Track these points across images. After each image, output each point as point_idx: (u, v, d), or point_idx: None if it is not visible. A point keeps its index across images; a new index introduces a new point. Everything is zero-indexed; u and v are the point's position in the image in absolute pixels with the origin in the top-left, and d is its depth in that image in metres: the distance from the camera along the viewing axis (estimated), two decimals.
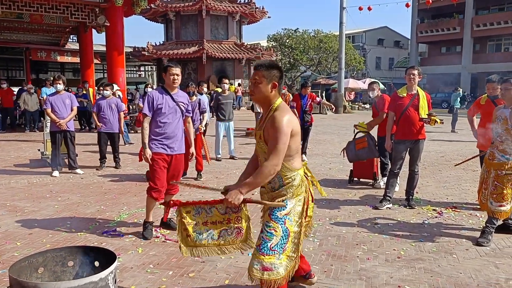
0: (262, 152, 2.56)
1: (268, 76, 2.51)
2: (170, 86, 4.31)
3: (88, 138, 12.32)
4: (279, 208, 2.50)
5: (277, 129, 2.40)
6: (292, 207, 2.52)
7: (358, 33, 49.46)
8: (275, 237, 2.49)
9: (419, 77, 5.24)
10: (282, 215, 2.50)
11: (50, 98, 7.27)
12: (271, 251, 2.48)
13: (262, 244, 2.50)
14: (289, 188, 2.53)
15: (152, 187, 4.25)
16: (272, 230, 2.50)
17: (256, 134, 2.61)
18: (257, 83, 2.53)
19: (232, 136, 9.07)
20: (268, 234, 2.50)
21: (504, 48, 36.74)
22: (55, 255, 2.55)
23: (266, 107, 2.57)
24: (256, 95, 2.56)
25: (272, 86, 2.52)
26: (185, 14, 25.17)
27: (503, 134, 4.11)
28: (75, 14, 14.03)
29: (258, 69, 2.54)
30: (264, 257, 2.47)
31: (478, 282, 3.29)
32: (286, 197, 2.52)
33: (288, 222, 2.51)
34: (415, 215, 5.08)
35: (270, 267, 2.47)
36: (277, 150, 2.39)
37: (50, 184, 6.68)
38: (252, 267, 2.50)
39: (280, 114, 2.45)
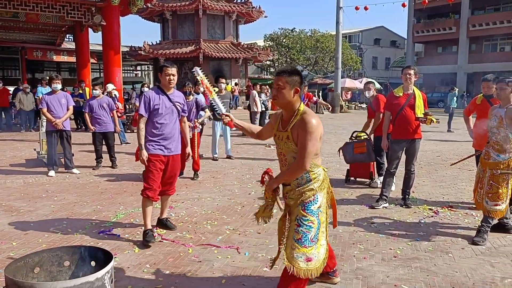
0: (289, 151, 2.76)
1: (291, 82, 2.69)
2: (166, 86, 4.24)
3: (85, 138, 12.29)
4: (311, 202, 2.71)
5: (309, 133, 2.61)
6: (321, 200, 2.75)
7: (354, 32, 49.53)
8: (313, 229, 2.70)
9: (415, 77, 5.25)
10: (316, 208, 2.72)
11: (45, 97, 7.25)
12: (312, 242, 2.69)
13: (303, 238, 2.68)
14: (315, 183, 2.74)
15: (146, 187, 4.16)
16: (310, 223, 2.69)
17: (279, 136, 2.81)
18: (281, 88, 2.69)
19: (229, 136, 9.07)
20: (307, 227, 2.69)
21: (500, 48, 36.89)
22: (51, 255, 2.54)
23: (289, 110, 2.76)
24: (279, 100, 2.73)
25: (294, 91, 2.70)
26: (181, 14, 25.12)
27: (498, 134, 4.13)
28: (71, 13, 13.98)
29: (281, 75, 2.70)
30: (306, 249, 2.67)
31: (473, 281, 3.31)
32: (316, 192, 2.72)
33: (320, 214, 2.74)
34: (411, 214, 5.10)
35: (312, 257, 2.68)
36: (307, 152, 2.62)
37: (46, 184, 6.66)
38: (295, 260, 2.67)
39: (311, 117, 2.65)
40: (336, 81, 25.76)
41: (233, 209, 5.30)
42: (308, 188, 2.73)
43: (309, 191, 2.72)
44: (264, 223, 3.12)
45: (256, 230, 4.49)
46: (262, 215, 3.04)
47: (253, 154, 9.84)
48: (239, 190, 6.27)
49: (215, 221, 4.80)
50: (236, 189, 6.36)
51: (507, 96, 4.12)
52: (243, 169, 7.87)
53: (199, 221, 4.79)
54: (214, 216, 5.01)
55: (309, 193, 2.72)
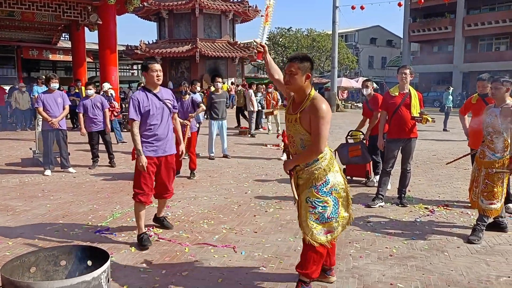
0: (297, 133, 2.90)
1: (303, 68, 2.81)
2: (153, 84, 4.05)
3: (81, 137, 12.16)
4: (323, 184, 2.87)
5: (321, 118, 2.74)
6: (333, 179, 2.90)
7: (351, 32, 49.60)
8: (329, 208, 2.89)
9: (410, 76, 5.27)
10: (328, 189, 2.88)
11: (41, 96, 7.22)
12: (329, 219, 2.90)
13: (320, 217, 2.89)
14: (323, 161, 2.88)
15: (138, 192, 4.03)
16: (325, 204, 2.88)
17: (289, 118, 2.94)
18: (293, 74, 2.81)
19: (225, 135, 9.07)
20: (323, 207, 2.88)
21: (495, 47, 37.04)
22: (47, 255, 2.54)
23: (301, 95, 2.88)
24: (292, 85, 2.85)
25: (306, 77, 2.83)
26: (178, 13, 25.10)
27: (493, 133, 4.15)
28: (67, 12, 13.92)
29: (293, 61, 2.82)
30: (324, 225, 2.91)
31: (469, 279, 3.33)
32: (325, 172, 2.88)
33: (334, 192, 2.90)
34: (407, 213, 5.12)
35: (331, 230, 2.94)
36: (322, 137, 2.76)
37: (42, 183, 6.64)
38: (317, 237, 2.90)
39: (321, 103, 2.78)
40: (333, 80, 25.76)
41: (230, 208, 5.31)
42: (316, 167, 2.87)
43: (317, 170, 2.87)
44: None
45: (252, 229, 4.50)
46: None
47: (250, 153, 9.84)
48: (236, 189, 6.27)
49: (212, 220, 4.81)
50: (232, 188, 6.37)
51: (502, 95, 4.14)
52: (240, 168, 7.87)
53: (195, 220, 4.80)
54: (211, 215, 5.01)
55: (317, 173, 2.87)
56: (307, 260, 2.96)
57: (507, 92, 4.15)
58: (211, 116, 8.83)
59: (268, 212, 5.11)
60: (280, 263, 3.63)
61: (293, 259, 3.68)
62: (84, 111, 7.82)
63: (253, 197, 5.83)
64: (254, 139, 12.51)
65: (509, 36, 34.65)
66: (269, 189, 6.30)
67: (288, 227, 4.53)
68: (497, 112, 4.14)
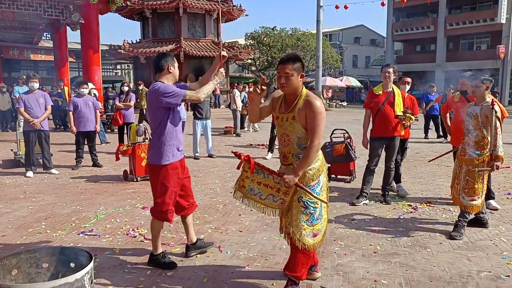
0: (294, 131, 2.90)
1: (297, 68, 2.83)
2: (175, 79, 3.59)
3: (63, 138, 12.08)
4: (317, 184, 2.91)
5: (317, 114, 2.79)
6: (323, 180, 2.96)
7: (335, 31, 49.92)
8: (318, 208, 2.94)
9: (394, 75, 5.33)
10: (319, 189, 2.93)
11: (23, 96, 7.10)
12: (317, 220, 2.95)
13: (311, 218, 2.92)
14: (316, 162, 2.91)
15: (165, 209, 3.45)
16: (316, 204, 2.92)
17: (283, 117, 2.93)
18: (289, 75, 2.82)
19: (210, 135, 9.04)
20: (314, 208, 2.91)
21: (476, 46, 37.69)
22: (29, 257, 2.50)
23: (293, 94, 2.90)
24: (289, 87, 2.85)
25: (300, 76, 2.86)
26: (161, 12, 24.90)
27: (473, 131, 4.23)
28: (48, 11, 13.72)
29: (287, 62, 2.82)
30: (313, 227, 2.93)
31: (451, 274, 3.38)
32: (318, 173, 2.91)
33: (321, 194, 2.95)
34: (391, 210, 5.18)
35: (317, 232, 2.96)
36: (319, 132, 2.80)
37: (24, 185, 6.52)
38: (305, 239, 2.91)
39: (315, 100, 2.83)
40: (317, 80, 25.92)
41: (215, 207, 5.30)
42: (310, 167, 2.89)
43: (311, 170, 2.89)
44: (264, 214, 3.14)
45: (238, 228, 4.50)
46: (263, 203, 3.05)
47: None
48: (221, 189, 6.26)
49: (197, 220, 4.79)
50: (218, 187, 6.35)
51: (482, 94, 4.22)
52: (225, 168, 7.86)
53: (180, 220, 4.76)
54: (196, 215, 4.99)
55: (311, 173, 2.89)
56: (296, 263, 2.98)
57: (487, 90, 4.23)
58: (195, 116, 8.79)
59: (253, 211, 5.08)
60: (266, 260, 3.64)
61: (278, 258, 3.70)
62: (74, 109, 7.73)
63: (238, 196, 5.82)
64: (240, 139, 12.51)
65: (490, 35, 35.30)
66: None
67: (273, 226, 4.54)
68: (478, 110, 4.21)
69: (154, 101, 3.36)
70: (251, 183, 3.04)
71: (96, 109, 7.94)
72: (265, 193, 3.00)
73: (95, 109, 7.93)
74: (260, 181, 3.01)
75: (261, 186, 3.01)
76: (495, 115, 4.04)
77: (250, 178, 3.04)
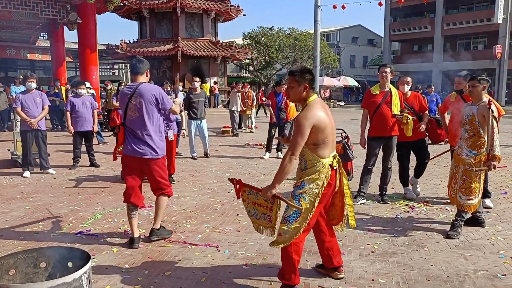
0: None
1: (300, 80, 2.95)
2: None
3: (61, 138, 12.06)
4: (298, 187, 2.95)
5: (297, 125, 2.87)
6: (308, 188, 2.93)
7: (332, 31, 49.95)
8: (289, 210, 2.95)
9: (391, 75, 5.34)
10: (298, 193, 2.94)
11: (20, 96, 7.08)
12: (284, 220, 2.95)
13: (284, 215, 2.98)
14: (310, 173, 2.93)
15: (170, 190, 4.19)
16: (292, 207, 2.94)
17: None
18: (290, 88, 3.00)
19: (207, 134, 9.02)
20: (287, 208, 2.96)
21: (473, 46, 37.81)
22: (27, 257, 2.50)
23: (302, 103, 3.02)
24: (291, 97, 3.06)
25: (303, 87, 2.95)
26: (159, 12, 24.87)
27: (470, 130, 4.24)
28: (45, 10, 13.67)
29: (289, 75, 3.01)
30: (281, 224, 2.98)
31: (448, 273, 3.40)
32: (304, 180, 2.94)
33: (302, 199, 2.92)
34: (388, 210, 5.19)
35: (281, 232, 2.95)
36: (294, 142, 2.85)
37: (21, 185, 6.51)
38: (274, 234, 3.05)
39: (304, 111, 2.90)
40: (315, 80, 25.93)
41: (213, 207, 5.30)
42: (304, 174, 2.98)
43: (303, 175, 2.98)
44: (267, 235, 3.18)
45: (235, 228, 4.50)
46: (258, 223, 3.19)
47: (233, 152, 9.84)
48: (219, 189, 6.27)
49: (195, 219, 4.79)
50: (215, 187, 6.36)
51: (478, 93, 4.23)
52: (223, 168, 7.86)
53: (178, 220, 4.77)
54: (194, 214, 4.99)
55: (302, 178, 2.97)
56: (282, 268, 3.05)
57: (484, 90, 4.25)
58: (189, 116, 8.79)
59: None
60: (264, 260, 3.65)
61: (276, 257, 3.70)
62: (71, 109, 7.71)
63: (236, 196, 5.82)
64: (237, 139, 12.51)
65: (486, 35, 35.42)
66: None
67: None
68: (475, 110, 4.23)
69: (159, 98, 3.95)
70: (248, 205, 3.20)
71: (93, 109, 7.93)
72: (259, 212, 3.14)
73: (93, 109, 7.92)
74: (254, 201, 3.16)
75: (256, 206, 3.15)
76: (492, 115, 4.05)
77: (247, 201, 3.19)
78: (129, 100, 3.92)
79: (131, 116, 3.94)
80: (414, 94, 5.75)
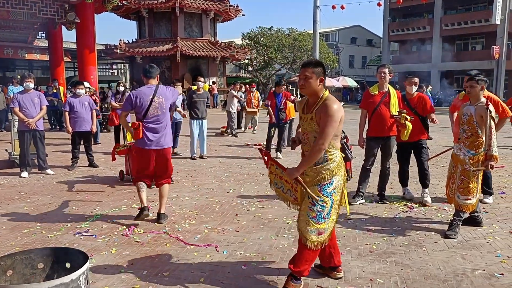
0: (312, 130, 3.03)
1: (316, 72, 2.99)
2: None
3: (59, 138, 12.04)
4: (327, 184, 2.99)
5: (329, 116, 2.88)
6: (336, 182, 3.02)
7: (331, 31, 50.00)
8: (327, 208, 3.00)
9: (390, 75, 5.34)
10: (330, 190, 3.00)
11: (17, 96, 7.07)
12: (324, 219, 3.00)
13: (317, 216, 2.99)
14: (332, 163, 3.00)
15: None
16: (324, 204, 2.99)
17: (304, 117, 3.11)
18: (308, 78, 3.00)
19: (205, 135, 9.00)
20: (322, 207, 2.99)
21: (471, 47, 37.88)
22: (24, 257, 2.49)
23: (314, 97, 3.05)
24: (306, 89, 3.03)
25: (319, 80, 3.00)
26: (158, 12, 24.88)
27: (468, 130, 4.25)
28: (43, 10, 13.65)
29: (308, 66, 3.02)
30: (319, 225, 3.00)
31: (446, 273, 3.40)
32: (332, 173, 3.00)
33: (334, 194, 3.02)
34: (387, 210, 5.20)
35: (323, 231, 3.01)
36: (326, 133, 2.89)
37: (18, 185, 6.50)
38: (309, 234, 3.00)
39: (332, 103, 2.93)
40: None
41: (212, 207, 5.30)
42: (324, 167, 2.98)
43: (325, 170, 2.98)
44: (289, 207, 3.33)
45: (234, 228, 4.50)
46: (285, 197, 3.28)
47: (232, 152, 9.84)
48: (218, 189, 6.26)
49: (194, 220, 4.79)
50: (214, 187, 6.35)
51: (477, 93, 4.24)
52: (222, 168, 7.86)
53: (177, 220, 4.77)
54: (193, 215, 4.99)
55: (325, 173, 2.98)
56: (300, 258, 3.05)
57: (482, 90, 4.25)
58: (191, 116, 8.78)
59: (250, 211, 5.12)
60: (263, 260, 3.65)
61: (275, 257, 3.70)
62: (69, 110, 7.69)
63: (235, 196, 5.83)
64: (236, 139, 12.51)
65: (484, 36, 35.48)
66: (251, 188, 6.31)
67: (270, 226, 4.55)
68: (473, 110, 4.24)
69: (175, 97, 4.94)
70: (275, 178, 3.28)
71: (92, 109, 7.92)
72: (285, 187, 3.24)
73: (91, 109, 7.90)
74: (281, 176, 3.24)
75: (282, 181, 3.24)
76: (490, 115, 4.06)
77: (274, 173, 3.28)
78: (152, 99, 4.51)
79: (153, 114, 4.53)
80: (420, 96, 5.56)
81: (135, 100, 4.51)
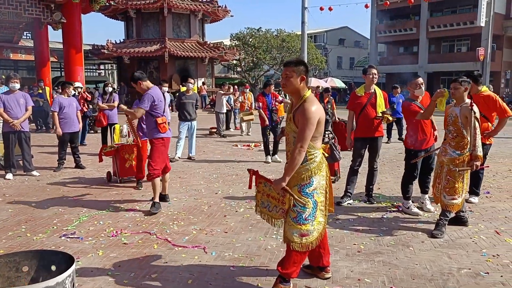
0: (291, 131, 3.04)
1: (297, 71, 2.98)
2: None
3: (45, 139, 11.89)
4: (307, 185, 2.96)
5: (307, 118, 2.88)
6: (317, 182, 2.99)
7: (319, 33, 50.23)
8: (308, 209, 2.97)
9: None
10: (310, 190, 2.98)
11: (2, 97, 6.96)
12: (306, 220, 2.98)
13: (297, 216, 2.98)
14: (312, 163, 2.97)
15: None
16: (304, 205, 2.96)
17: (286, 117, 3.12)
18: (289, 77, 2.99)
19: (194, 136, 8.97)
20: (302, 208, 2.97)
21: (456, 48, 38.36)
22: (8, 260, 2.46)
23: (297, 96, 3.04)
24: (288, 87, 3.03)
25: (300, 79, 2.98)
26: (146, 12, 24.72)
27: (454, 131, 4.31)
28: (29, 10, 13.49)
29: (289, 65, 3.02)
30: (301, 226, 2.98)
31: (432, 272, 3.44)
32: (311, 174, 2.96)
33: (315, 195, 2.99)
34: (375, 210, 5.24)
35: (307, 233, 2.99)
36: (304, 136, 2.88)
37: (3, 188, 6.39)
38: (292, 236, 2.99)
39: (309, 105, 2.92)
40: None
41: (200, 209, 5.28)
42: (304, 167, 2.96)
43: (305, 171, 2.96)
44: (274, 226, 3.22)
45: (223, 229, 4.49)
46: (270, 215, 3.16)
47: (220, 153, 9.82)
48: (206, 190, 6.25)
49: (182, 221, 4.77)
50: (202, 188, 6.33)
51: (461, 95, 4.30)
52: (210, 169, 7.84)
53: (165, 222, 4.74)
54: (181, 216, 4.97)
55: (305, 174, 2.96)
56: (288, 260, 3.05)
57: (466, 91, 4.32)
58: (180, 117, 8.73)
59: (239, 212, 5.11)
60: (251, 261, 3.64)
61: (263, 258, 3.70)
62: (59, 110, 7.59)
63: (223, 197, 5.82)
64: (225, 140, 12.48)
65: (470, 38, 35.98)
66: (240, 189, 6.31)
67: (258, 227, 4.55)
68: (457, 111, 4.29)
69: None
70: (262, 197, 3.21)
71: (77, 110, 7.85)
72: (272, 205, 3.15)
73: (77, 110, 7.84)
74: (268, 193, 3.16)
75: (269, 198, 3.16)
76: (474, 116, 4.12)
77: (261, 192, 3.20)
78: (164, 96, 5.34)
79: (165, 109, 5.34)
80: (427, 95, 5.24)
81: (156, 99, 5.02)
